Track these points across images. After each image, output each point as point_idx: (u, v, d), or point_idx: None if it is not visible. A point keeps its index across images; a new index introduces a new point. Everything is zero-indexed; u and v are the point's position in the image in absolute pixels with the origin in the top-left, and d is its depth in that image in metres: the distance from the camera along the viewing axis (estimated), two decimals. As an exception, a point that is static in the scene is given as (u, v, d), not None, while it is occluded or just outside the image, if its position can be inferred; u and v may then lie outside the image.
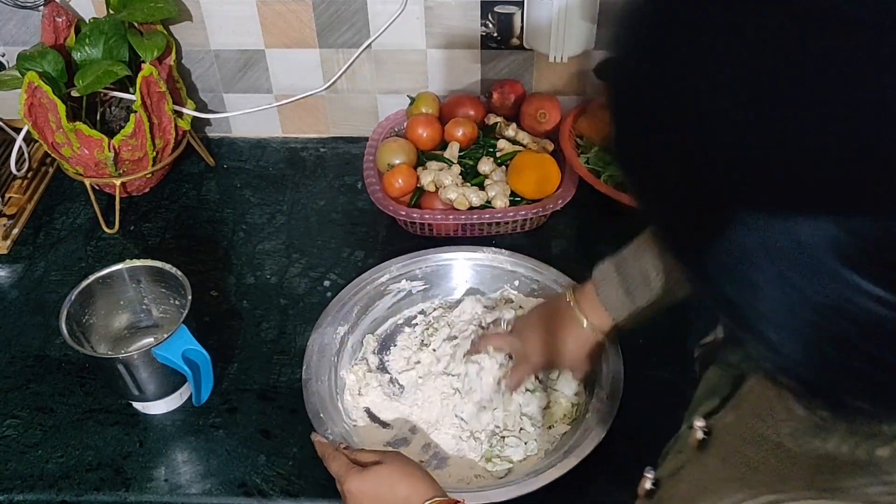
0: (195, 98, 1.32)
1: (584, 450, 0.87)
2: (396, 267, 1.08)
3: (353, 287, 1.06)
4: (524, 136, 1.23)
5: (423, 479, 0.77)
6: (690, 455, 0.59)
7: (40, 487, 0.91)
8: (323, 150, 1.35)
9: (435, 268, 1.09)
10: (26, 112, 1.11)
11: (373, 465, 0.78)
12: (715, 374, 0.64)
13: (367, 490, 0.77)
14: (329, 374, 0.98)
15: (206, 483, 0.91)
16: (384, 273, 1.07)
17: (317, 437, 0.88)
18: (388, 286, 1.07)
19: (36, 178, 1.28)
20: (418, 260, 1.09)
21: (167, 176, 1.30)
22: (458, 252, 1.10)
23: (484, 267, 1.10)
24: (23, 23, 1.26)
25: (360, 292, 1.05)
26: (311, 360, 0.98)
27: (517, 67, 1.28)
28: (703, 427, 0.58)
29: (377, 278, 1.07)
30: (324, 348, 0.99)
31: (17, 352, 1.05)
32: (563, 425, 0.94)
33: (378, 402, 0.99)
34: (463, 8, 1.21)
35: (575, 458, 0.86)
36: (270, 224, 1.22)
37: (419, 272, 1.09)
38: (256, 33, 1.26)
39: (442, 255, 1.10)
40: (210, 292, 1.11)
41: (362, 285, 1.06)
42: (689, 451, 0.59)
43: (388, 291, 1.07)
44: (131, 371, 0.90)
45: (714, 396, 0.60)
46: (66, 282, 1.13)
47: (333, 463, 0.81)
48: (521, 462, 0.92)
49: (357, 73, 1.29)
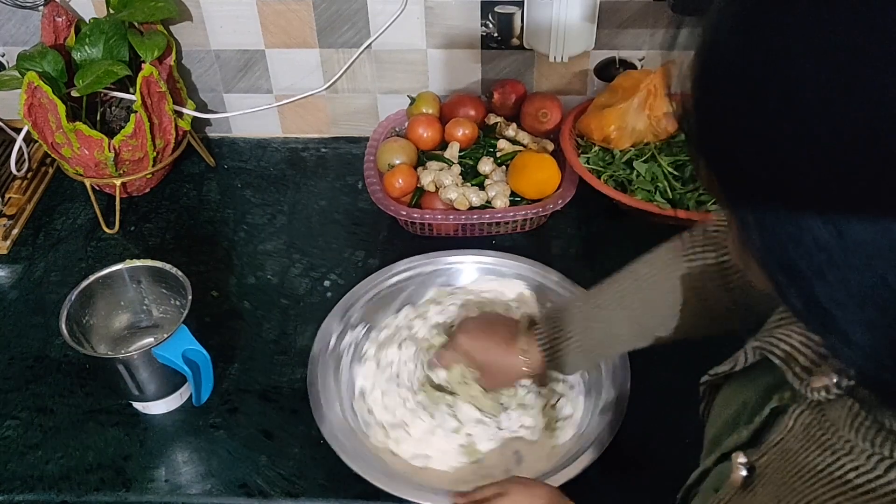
0: (195, 98, 1.32)
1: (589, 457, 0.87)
2: (404, 266, 1.08)
3: (363, 287, 1.06)
4: (524, 136, 1.23)
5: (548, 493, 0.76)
6: (733, 494, 0.55)
7: (40, 488, 0.91)
8: (323, 150, 1.35)
9: (444, 269, 1.09)
10: (26, 112, 1.11)
11: (496, 498, 0.77)
12: (729, 403, 0.61)
13: None
14: (337, 376, 0.98)
15: (206, 483, 0.91)
16: (392, 274, 1.07)
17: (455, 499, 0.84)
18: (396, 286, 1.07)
19: (36, 178, 1.28)
20: (427, 261, 1.09)
21: (167, 176, 1.30)
22: (465, 255, 1.10)
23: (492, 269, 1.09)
24: (23, 23, 1.26)
25: (368, 293, 1.06)
26: (317, 361, 0.98)
27: (517, 67, 1.28)
28: (745, 463, 0.54)
29: (385, 279, 1.07)
30: (328, 349, 0.99)
31: (17, 352, 1.05)
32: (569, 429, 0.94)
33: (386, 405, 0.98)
34: (463, 8, 1.21)
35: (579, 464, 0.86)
36: (271, 224, 1.22)
37: (426, 272, 1.09)
38: (257, 33, 1.26)
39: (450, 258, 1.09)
40: (210, 292, 1.11)
41: (371, 286, 1.06)
42: (729, 490, 0.55)
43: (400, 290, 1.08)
44: (131, 371, 0.90)
45: (739, 428, 0.57)
46: (67, 282, 1.13)
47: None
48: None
49: (357, 72, 1.29)
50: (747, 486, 0.54)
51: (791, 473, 0.50)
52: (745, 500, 0.53)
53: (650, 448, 0.90)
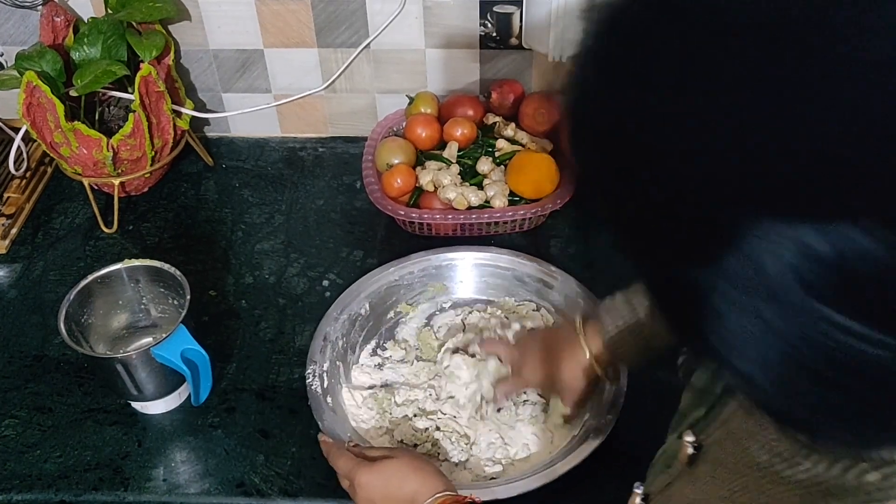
0: (194, 98, 1.32)
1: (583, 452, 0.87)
2: (400, 266, 1.08)
3: (360, 285, 1.06)
4: (523, 136, 1.23)
5: (433, 473, 0.77)
6: (680, 470, 0.57)
7: (39, 487, 0.91)
8: (322, 149, 1.35)
9: (441, 267, 1.09)
10: (25, 111, 1.11)
11: (382, 459, 0.78)
12: (700, 381, 0.62)
13: (377, 483, 0.76)
14: (334, 373, 0.98)
15: (204, 483, 0.91)
16: (390, 272, 1.08)
17: (323, 437, 0.87)
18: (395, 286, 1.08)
19: (34, 177, 1.28)
20: (423, 259, 1.09)
21: (166, 175, 1.30)
22: (464, 252, 1.10)
23: (489, 267, 1.10)
24: (21, 22, 1.26)
25: (366, 291, 1.06)
26: (315, 358, 0.98)
27: (516, 67, 1.28)
28: (693, 442, 0.56)
29: (382, 277, 1.07)
30: (326, 348, 0.99)
31: (15, 352, 1.05)
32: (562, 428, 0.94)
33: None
34: (462, 7, 1.21)
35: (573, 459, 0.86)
36: (269, 224, 1.22)
37: (422, 271, 1.09)
38: (255, 33, 1.26)
39: (447, 255, 1.10)
40: (209, 292, 1.11)
41: (368, 283, 1.06)
42: (678, 466, 0.58)
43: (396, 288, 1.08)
44: (130, 371, 0.90)
45: (700, 406, 0.59)
46: (65, 281, 1.13)
47: (340, 460, 0.81)
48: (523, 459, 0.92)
49: (356, 72, 1.29)
50: (692, 463, 0.56)
51: (730, 453, 0.52)
52: (688, 475, 0.55)
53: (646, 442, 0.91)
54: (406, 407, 0.96)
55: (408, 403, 0.96)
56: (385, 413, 0.97)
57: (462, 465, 0.92)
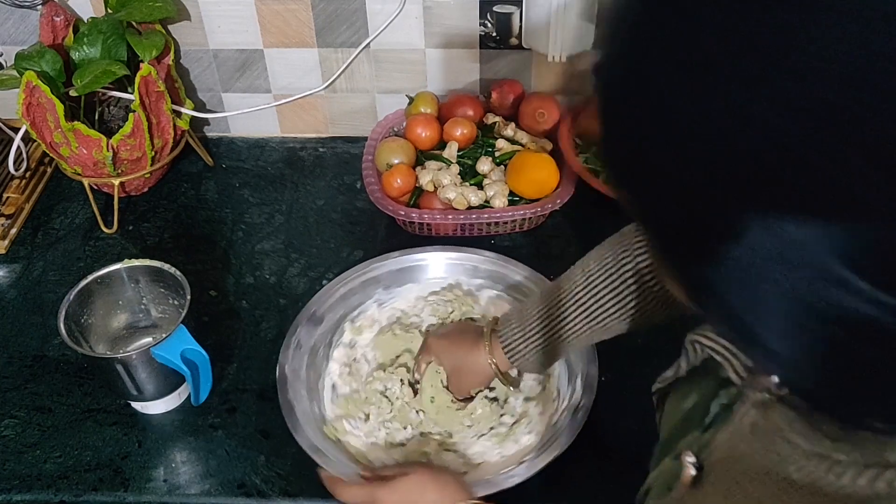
0: (194, 98, 1.32)
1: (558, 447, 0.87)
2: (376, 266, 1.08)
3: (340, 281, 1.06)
4: (523, 136, 1.23)
5: (451, 482, 0.77)
6: (684, 493, 0.55)
7: (38, 487, 0.91)
8: (322, 149, 1.35)
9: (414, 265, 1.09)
10: (24, 111, 1.11)
11: (399, 477, 0.78)
12: (677, 408, 0.62)
13: (397, 499, 0.76)
14: (311, 372, 0.98)
15: (204, 483, 0.91)
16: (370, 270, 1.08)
17: (325, 473, 0.85)
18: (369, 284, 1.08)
19: (34, 177, 1.28)
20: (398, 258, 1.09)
21: (165, 175, 1.30)
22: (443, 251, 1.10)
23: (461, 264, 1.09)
24: (21, 22, 1.26)
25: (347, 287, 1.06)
26: (291, 359, 0.98)
27: (516, 67, 1.28)
28: (694, 462, 0.55)
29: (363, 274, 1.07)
30: (303, 346, 1.00)
31: (15, 352, 1.05)
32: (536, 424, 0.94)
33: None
34: (462, 7, 1.21)
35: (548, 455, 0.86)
36: (269, 224, 1.22)
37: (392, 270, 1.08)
38: (255, 33, 1.26)
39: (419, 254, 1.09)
40: (209, 292, 1.11)
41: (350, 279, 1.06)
42: (681, 488, 0.56)
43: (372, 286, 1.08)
44: (130, 371, 0.90)
45: (691, 429, 0.58)
46: (65, 282, 1.13)
47: (349, 491, 0.80)
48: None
49: (356, 72, 1.29)
50: (696, 484, 0.54)
51: (739, 471, 0.50)
52: (695, 498, 0.54)
53: (619, 437, 0.91)
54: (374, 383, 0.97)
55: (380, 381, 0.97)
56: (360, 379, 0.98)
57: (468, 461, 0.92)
